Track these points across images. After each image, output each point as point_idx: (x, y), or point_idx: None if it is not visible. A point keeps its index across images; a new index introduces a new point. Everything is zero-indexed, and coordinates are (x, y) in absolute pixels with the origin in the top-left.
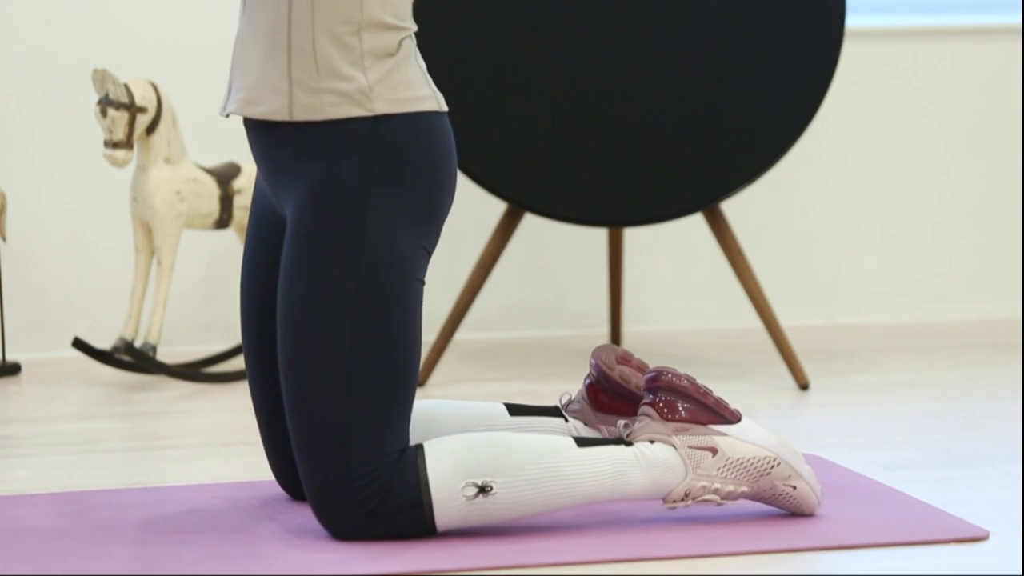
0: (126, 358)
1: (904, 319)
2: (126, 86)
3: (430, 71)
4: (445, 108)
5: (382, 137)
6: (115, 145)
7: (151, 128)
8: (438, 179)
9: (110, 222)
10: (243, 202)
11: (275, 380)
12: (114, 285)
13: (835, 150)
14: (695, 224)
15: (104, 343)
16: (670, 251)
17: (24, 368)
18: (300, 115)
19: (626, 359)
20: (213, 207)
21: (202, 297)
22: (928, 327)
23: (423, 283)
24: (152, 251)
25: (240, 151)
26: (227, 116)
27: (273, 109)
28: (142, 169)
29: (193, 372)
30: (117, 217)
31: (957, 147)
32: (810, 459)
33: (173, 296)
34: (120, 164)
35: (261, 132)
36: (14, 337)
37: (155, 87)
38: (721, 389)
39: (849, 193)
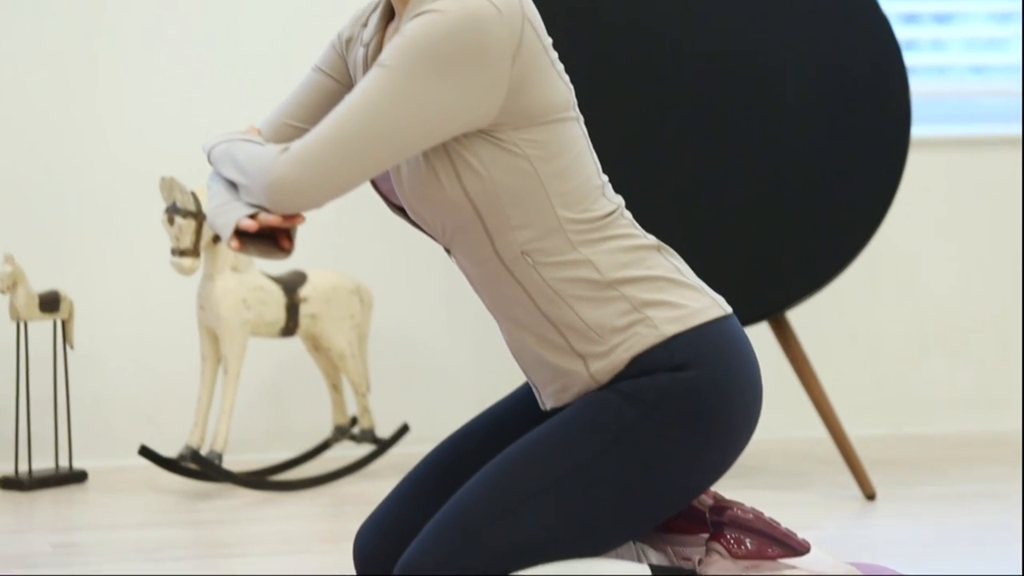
0: (192, 466)
1: (971, 428)
2: (193, 194)
3: None
4: (728, 310)
5: (679, 355)
6: (182, 253)
7: (218, 237)
8: (737, 392)
9: (177, 330)
10: (309, 310)
11: (449, 477)
12: (180, 393)
13: (900, 258)
14: (761, 332)
15: (170, 451)
16: None
17: (91, 475)
18: (604, 377)
19: None
20: (279, 315)
21: (268, 405)
22: (995, 437)
23: (665, 507)
24: (218, 359)
25: (306, 260)
26: (549, 410)
27: (583, 388)
28: (209, 277)
29: (259, 480)
30: (184, 325)
31: None
32: (876, 571)
33: (239, 404)
34: (187, 272)
35: None
36: (81, 444)
37: None
38: (787, 499)
39: (915, 301)
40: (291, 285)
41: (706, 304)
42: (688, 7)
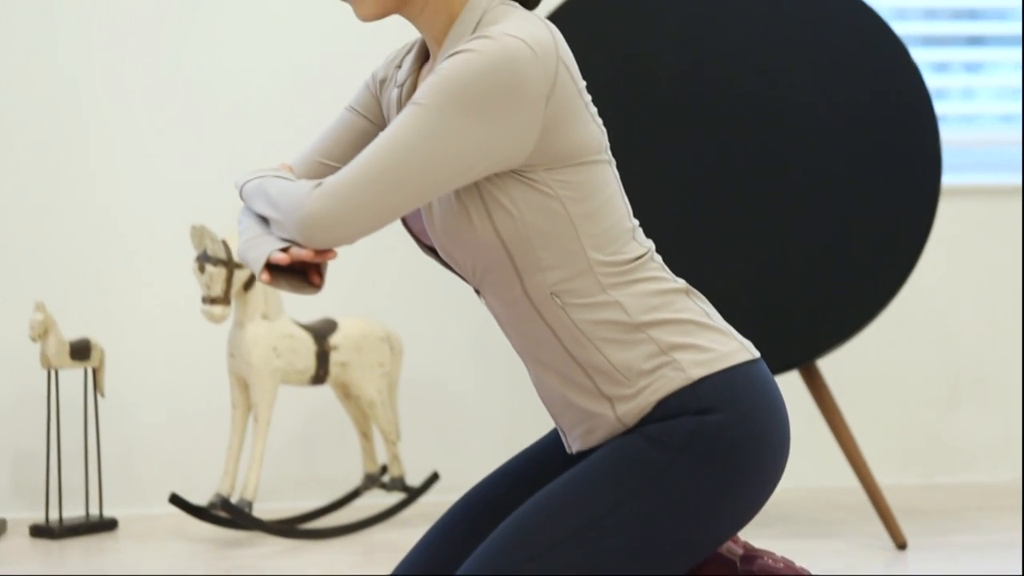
0: (222, 514)
1: (1002, 478)
2: (224, 242)
3: None
4: (756, 354)
5: (706, 399)
6: (212, 301)
7: (248, 284)
8: (764, 435)
9: (207, 378)
10: (339, 358)
11: (479, 523)
12: (210, 441)
13: (931, 306)
14: (791, 381)
15: (200, 499)
16: None
17: (121, 523)
18: (630, 420)
19: None
20: (309, 363)
21: (298, 453)
22: None
23: (691, 552)
24: (248, 407)
25: (336, 307)
26: (575, 453)
27: (609, 431)
28: (239, 325)
29: (289, 528)
30: (214, 373)
31: None
32: None
33: (269, 452)
34: (217, 320)
35: None
36: (111, 492)
37: None
38: (818, 548)
39: (946, 349)
40: (321, 333)
41: (734, 348)
42: (719, 54)
